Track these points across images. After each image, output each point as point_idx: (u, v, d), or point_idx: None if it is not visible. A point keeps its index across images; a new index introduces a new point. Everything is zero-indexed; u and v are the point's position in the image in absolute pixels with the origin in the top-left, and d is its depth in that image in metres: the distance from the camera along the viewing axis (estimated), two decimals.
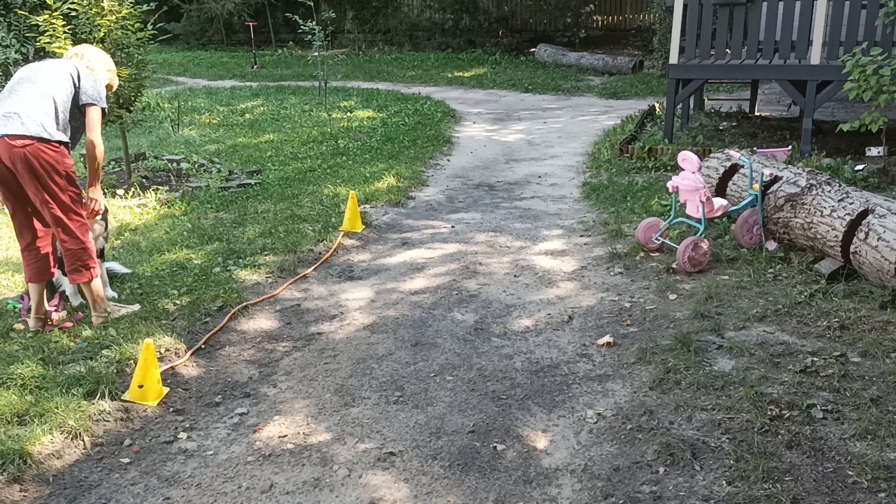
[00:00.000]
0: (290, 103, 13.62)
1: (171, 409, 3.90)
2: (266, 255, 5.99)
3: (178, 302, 5.06)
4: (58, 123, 4.45)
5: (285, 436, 3.65)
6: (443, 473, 3.32)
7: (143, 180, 8.24)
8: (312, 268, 5.82)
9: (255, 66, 18.82)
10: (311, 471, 3.38)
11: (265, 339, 4.70)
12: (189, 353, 4.44)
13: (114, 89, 5.12)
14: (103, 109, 4.62)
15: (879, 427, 3.42)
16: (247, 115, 12.60)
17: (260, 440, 3.63)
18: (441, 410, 3.81)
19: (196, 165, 8.90)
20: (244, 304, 5.10)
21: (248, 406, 3.94)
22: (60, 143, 4.44)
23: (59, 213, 4.47)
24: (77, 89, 4.54)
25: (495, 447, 3.48)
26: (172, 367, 4.26)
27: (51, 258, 4.74)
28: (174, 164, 8.95)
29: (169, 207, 7.34)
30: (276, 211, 7.13)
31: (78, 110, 4.57)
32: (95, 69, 4.76)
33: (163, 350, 4.39)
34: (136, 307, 4.94)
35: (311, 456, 3.49)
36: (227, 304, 5.07)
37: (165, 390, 4.02)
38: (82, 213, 4.64)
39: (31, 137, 4.30)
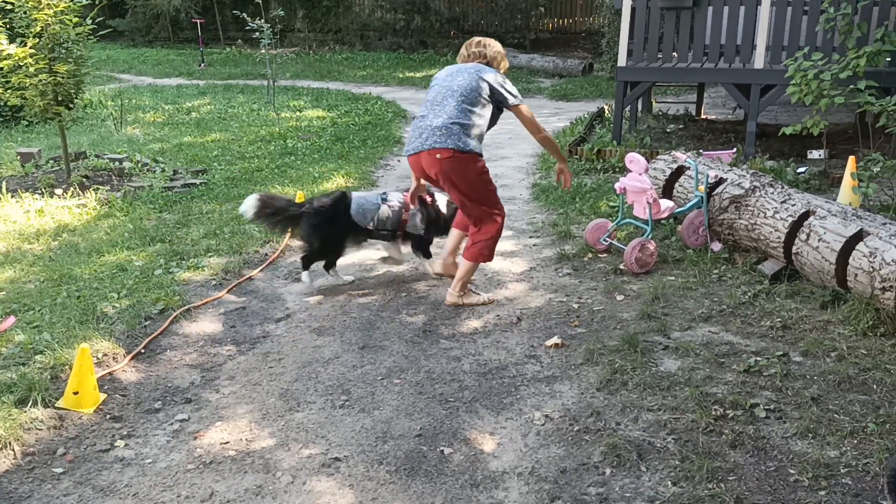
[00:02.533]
0: (237, 102, 13.42)
1: (108, 417, 3.77)
2: (210, 256, 5.86)
3: (117, 305, 4.91)
4: None
5: (227, 442, 3.56)
6: (389, 479, 3.26)
7: (84, 180, 8.00)
8: (258, 269, 5.71)
9: (203, 65, 18.51)
10: (253, 478, 3.30)
11: (208, 342, 4.59)
12: (128, 357, 4.30)
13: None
14: None
15: (820, 426, 3.47)
16: (193, 114, 12.36)
17: (201, 447, 3.53)
18: (388, 414, 3.76)
19: (139, 165, 8.68)
20: (187, 306, 4.97)
21: (190, 412, 3.83)
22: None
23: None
24: None
25: (442, 451, 3.44)
26: (110, 373, 4.13)
27: None
28: (116, 164, 8.72)
29: (110, 208, 7.14)
30: (221, 211, 6.99)
31: None
32: None
33: (100, 355, 4.25)
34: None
35: (253, 463, 3.40)
36: (168, 307, 4.93)
37: (102, 397, 3.88)
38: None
39: None
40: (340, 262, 5.71)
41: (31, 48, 7.26)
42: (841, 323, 4.45)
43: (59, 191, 7.52)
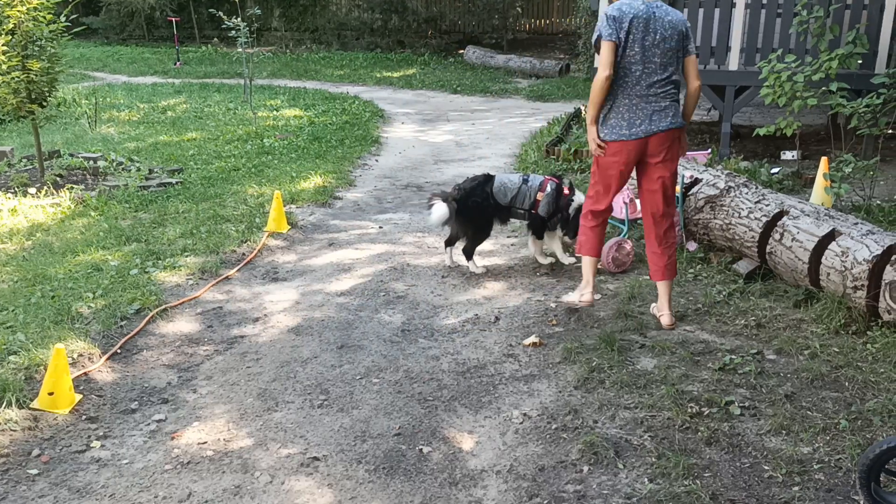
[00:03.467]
0: (214, 101, 13.33)
1: (84, 417, 3.74)
2: (187, 256, 5.82)
3: (92, 305, 4.87)
4: None
5: (205, 442, 3.54)
6: (367, 478, 3.27)
7: (58, 179, 7.91)
8: (236, 269, 5.68)
9: (178, 63, 18.36)
10: (231, 478, 3.28)
11: (185, 342, 4.56)
12: (104, 357, 4.27)
13: None
14: None
15: (793, 422, 3.52)
16: (169, 113, 12.27)
17: (178, 447, 3.51)
18: (366, 413, 3.76)
19: (114, 164, 8.60)
20: (163, 306, 4.94)
21: (167, 412, 3.81)
22: None
23: None
24: None
25: (421, 450, 3.45)
26: (86, 373, 4.09)
27: None
28: (91, 163, 8.63)
29: (84, 207, 7.06)
30: (198, 211, 6.95)
31: None
32: None
33: (76, 355, 4.21)
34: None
35: (231, 463, 3.39)
36: (145, 307, 4.90)
37: (78, 397, 3.85)
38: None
39: None
40: (315, 261, 5.71)
41: (3, 45, 7.17)
42: (814, 321, 4.52)
43: (32, 190, 7.43)
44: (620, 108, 4.32)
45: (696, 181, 5.88)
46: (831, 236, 4.67)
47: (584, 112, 11.50)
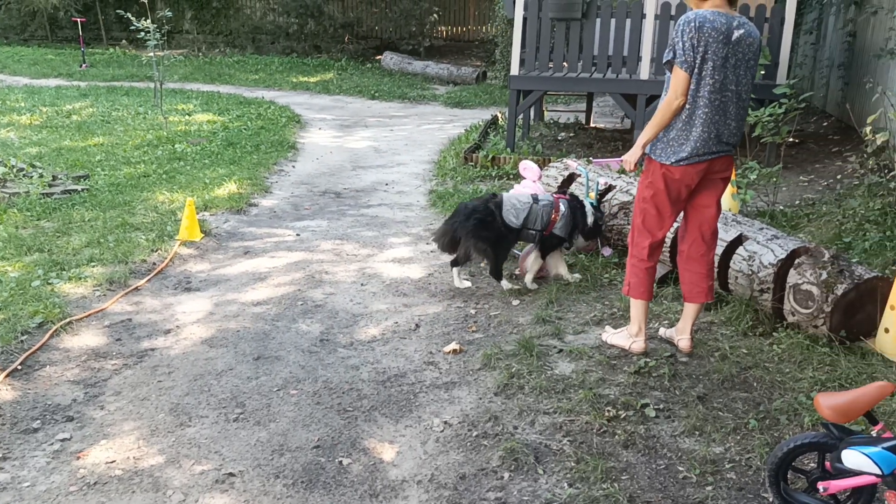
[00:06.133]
0: (122, 105, 12.88)
1: None
2: (94, 266, 5.59)
3: None
4: None
5: (113, 461, 3.39)
6: (286, 492, 3.19)
7: None
8: (146, 279, 5.48)
9: (84, 65, 17.69)
10: (142, 498, 3.15)
11: (92, 357, 4.37)
12: (3, 374, 4.04)
13: None
14: None
15: (706, 423, 3.62)
16: (74, 117, 11.79)
17: (84, 467, 3.35)
18: (284, 426, 3.68)
19: (14, 170, 8.18)
20: (68, 319, 4.72)
21: (72, 430, 3.63)
22: None
23: None
24: None
25: (341, 462, 3.39)
26: None
27: None
28: None
29: None
30: (105, 219, 6.68)
31: None
32: None
33: None
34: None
35: (142, 482, 3.25)
36: (48, 320, 4.67)
37: None
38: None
39: None
40: (230, 270, 5.57)
41: None
42: (723, 324, 4.66)
43: None
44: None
45: (610, 188, 6.00)
46: (738, 241, 4.83)
47: (501, 119, 11.64)
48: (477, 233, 5.17)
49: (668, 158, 3.99)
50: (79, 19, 18.58)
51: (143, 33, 10.91)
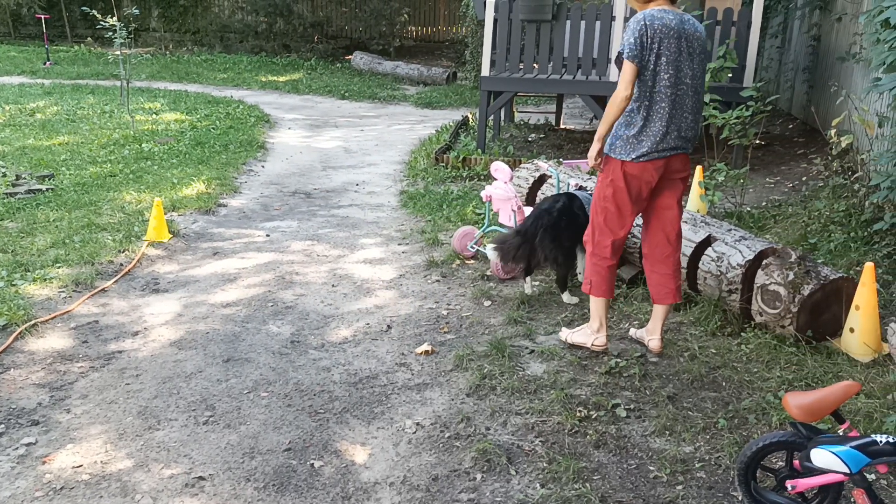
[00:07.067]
0: (88, 103, 12.68)
1: None
2: (59, 267, 5.50)
3: None
4: None
5: (80, 466, 3.34)
6: (256, 496, 3.16)
7: None
8: (112, 280, 5.40)
9: (48, 63, 17.38)
10: (110, 502, 3.10)
11: (57, 359, 4.29)
12: None
13: None
14: None
15: (676, 423, 3.65)
16: (38, 115, 11.58)
17: (50, 472, 3.29)
18: (255, 429, 3.64)
19: None
20: (33, 321, 4.63)
21: (37, 435, 3.56)
22: None
23: None
24: None
25: (312, 464, 3.37)
26: None
27: None
28: None
29: None
30: (71, 219, 6.57)
31: None
32: None
33: None
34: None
35: (109, 486, 3.20)
36: (11, 323, 4.58)
37: None
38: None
39: None
40: (198, 271, 5.50)
41: None
42: (692, 324, 4.71)
43: None
44: None
45: (581, 188, 6.03)
46: (707, 242, 4.89)
47: (472, 120, 11.65)
48: (555, 239, 4.93)
49: (627, 155, 4.05)
50: (42, 16, 18.25)
51: (109, 32, 10.75)
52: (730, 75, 8.08)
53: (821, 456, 2.66)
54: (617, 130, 4.09)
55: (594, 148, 4.18)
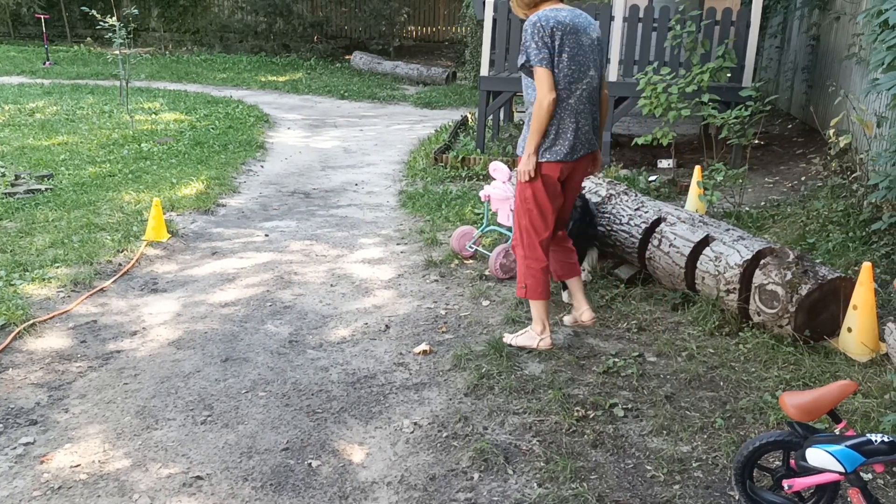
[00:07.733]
0: (87, 103, 12.69)
1: None
2: (58, 267, 5.50)
3: None
4: None
5: (78, 465, 3.34)
6: (254, 495, 3.16)
7: None
8: (111, 280, 5.41)
9: (48, 63, 17.39)
10: (107, 502, 3.11)
11: (56, 359, 4.29)
12: None
13: None
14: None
15: (673, 422, 3.66)
16: (37, 115, 11.59)
17: (48, 472, 3.29)
18: (253, 428, 3.65)
19: None
20: (31, 321, 4.64)
21: (35, 434, 3.57)
22: None
23: None
24: None
25: (310, 464, 3.38)
26: None
27: None
28: None
29: None
30: (69, 219, 6.58)
31: None
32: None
33: None
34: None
35: (107, 486, 3.21)
36: (10, 322, 4.58)
37: None
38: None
39: None
40: (197, 271, 5.50)
41: None
42: (690, 324, 4.72)
43: None
44: None
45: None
46: (705, 242, 4.89)
47: (471, 120, 11.65)
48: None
49: (542, 157, 4.12)
50: (42, 16, 18.26)
51: (108, 31, 10.75)
52: (729, 75, 8.08)
53: (816, 455, 2.66)
54: (529, 133, 4.14)
55: (531, 162, 4.11)
